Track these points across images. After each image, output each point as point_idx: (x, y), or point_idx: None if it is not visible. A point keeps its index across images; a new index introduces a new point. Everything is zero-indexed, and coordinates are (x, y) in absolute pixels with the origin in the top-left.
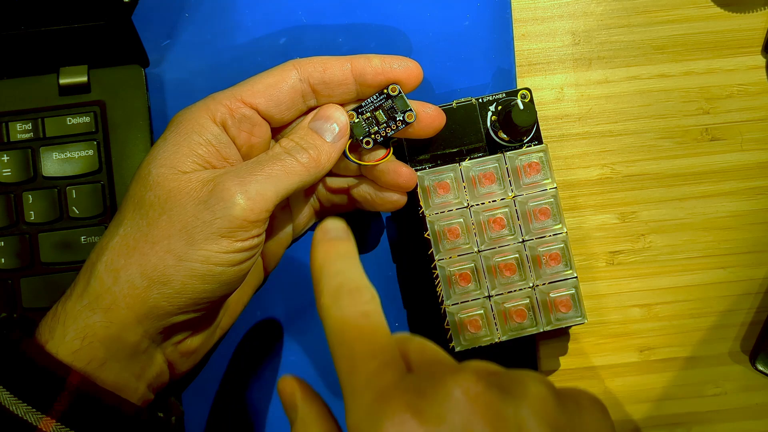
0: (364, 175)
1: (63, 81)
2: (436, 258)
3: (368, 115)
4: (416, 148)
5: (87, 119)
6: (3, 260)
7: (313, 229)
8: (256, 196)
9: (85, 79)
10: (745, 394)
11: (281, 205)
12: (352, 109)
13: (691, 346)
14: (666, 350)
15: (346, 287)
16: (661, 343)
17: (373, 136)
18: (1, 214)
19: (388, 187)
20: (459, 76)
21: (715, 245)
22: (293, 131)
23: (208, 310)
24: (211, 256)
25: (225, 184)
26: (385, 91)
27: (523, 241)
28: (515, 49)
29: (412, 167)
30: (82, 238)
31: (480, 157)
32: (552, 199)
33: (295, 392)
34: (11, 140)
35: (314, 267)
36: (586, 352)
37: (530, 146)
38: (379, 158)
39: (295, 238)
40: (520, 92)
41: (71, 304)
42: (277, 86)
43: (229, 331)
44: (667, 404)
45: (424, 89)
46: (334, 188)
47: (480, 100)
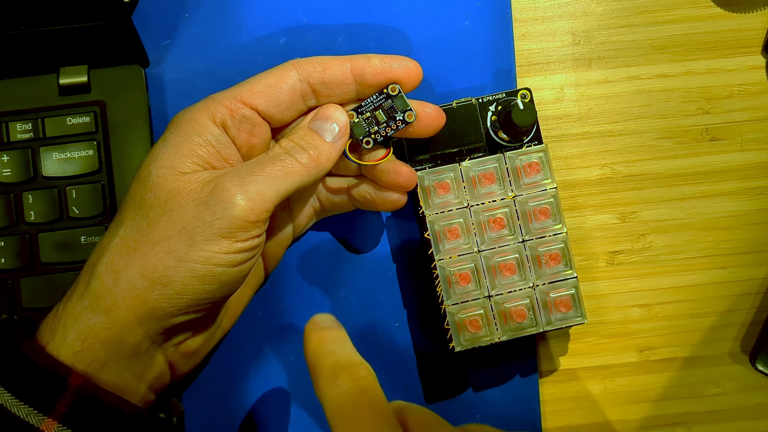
0: (364, 175)
1: (63, 81)
2: (436, 258)
3: (368, 114)
4: (416, 148)
5: (87, 119)
6: (3, 260)
7: (313, 229)
8: (256, 196)
9: (85, 79)
10: (745, 394)
11: (281, 206)
12: (351, 109)
13: (691, 346)
14: (666, 350)
15: (341, 365)
16: (661, 343)
17: (373, 135)
18: (1, 214)
19: (388, 187)
20: (459, 76)
21: (715, 245)
22: (293, 131)
23: (209, 310)
24: (211, 257)
25: (225, 185)
26: (384, 90)
27: (523, 241)
28: (515, 49)
29: (412, 167)
30: (82, 238)
31: (480, 157)
32: (552, 199)
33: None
34: (11, 140)
35: (308, 353)
36: (586, 352)
37: (530, 146)
38: (379, 158)
39: (296, 238)
40: (520, 92)
41: (72, 305)
42: (277, 86)
43: (229, 332)
44: (667, 404)
45: (424, 89)
46: (334, 188)
47: (480, 100)
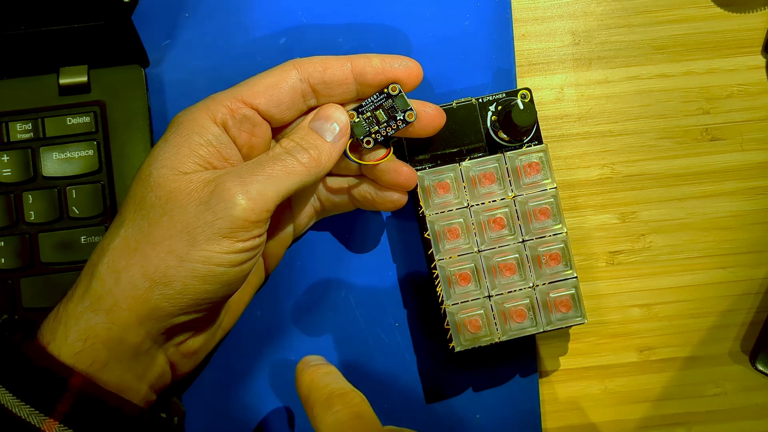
0: (365, 175)
1: (63, 81)
2: (436, 258)
3: (368, 114)
4: (416, 147)
5: (87, 119)
6: (3, 260)
7: (314, 229)
8: (257, 196)
9: (85, 79)
10: (745, 394)
11: (282, 205)
12: (352, 109)
13: (691, 346)
14: (666, 350)
15: (336, 393)
16: (661, 343)
17: (373, 135)
18: (1, 214)
19: (389, 187)
20: (459, 76)
21: (715, 245)
22: (294, 131)
23: (210, 310)
24: (212, 257)
25: (226, 185)
26: (385, 90)
27: (523, 241)
28: (515, 49)
29: (412, 167)
30: (82, 238)
31: (480, 157)
32: (552, 199)
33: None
34: (11, 140)
35: (302, 388)
36: (586, 352)
37: (530, 146)
38: (379, 158)
39: (296, 238)
40: (520, 92)
41: (73, 305)
42: (277, 86)
43: (230, 332)
44: (667, 404)
45: (424, 89)
46: (335, 188)
47: (480, 100)
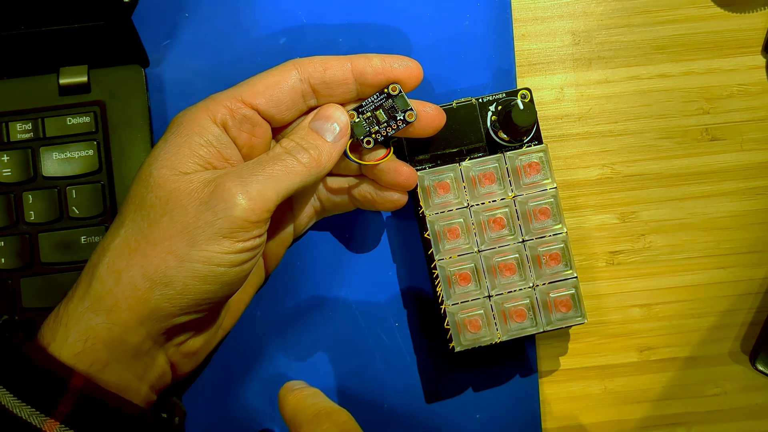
0: (365, 175)
1: (63, 81)
2: (436, 258)
3: (369, 114)
4: (416, 147)
5: (87, 119)
6: (3, 260)
7: (314, 229)
8: (257, 196)
9: (85, 79)
10: (745, 394)
11: (282, 205)
12: (352, 109)
13: (691, 346)
14: (666, 350)
15: (323, 412)
16: (661, 343)
17: (373, 135)
18: (1, 214)
19: (389, 187)
20: (459, 76)
21: (715, 245)
22: (294, 131)
23: (210, 311)
24: (212, 257)
25: (226, 185)
26: (385, 90)
27: (523, 241)
28: (515, 49)
29: (412, 167)
30: (82, 238)
31: (480, 157)
32: (552, 199)
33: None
34: (11, 140)
35: (287, 411)
36: (586, 352)
37: (530, 146)
38: (379, 158)
39: (296, 238)
40: (520, 92)
41: (73, 306)
42: (277, 86)
43: (230, 332)
44: (667, 404)
45: (424, 89)
46: (335, 188)
47: (480, 100)
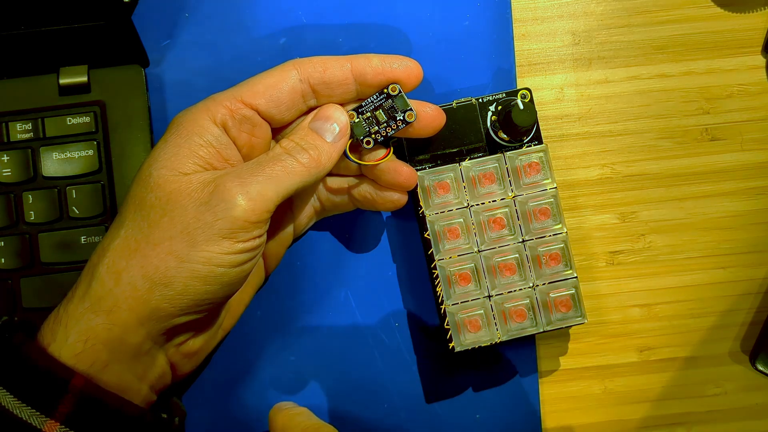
0: (365, 175)
1: (63, 81)
2: (436, 258)
3: (368, 114)
4: (416, 148)
5: (87, 119)
6: (3, 260)
7: (314, 229)
8: (257, 196)
9: (85, 79)
10: (745, 394)
11: (282, 206)
12: (352, 109)
13: (691, 346)
14: (666, 350)
15: (311, 429)
16: (661, 343)
17: (373, 135)
18: (1, 214)
19: (389, 187)
20: (459, 76)
21: (715, 245)
22: (293, 132)
23: (210, 311)
24: (212, 258)
25: (226, 185)
26: (385, 90)
27: (523, 241)
28: (515, 49)
29: (412, 167)
30: (82, 238)
31: (480, 157)
32: (552, 199)
33: None
34: (11, 140)
35: (277, 430)
36: (586, 352)
37: (530, 146)
38: (379, 158)
39: (296, 238)
40: (520, 92)
41: (73, 306)
42: (277, 87)
43: (230, 332)
44: (667, 404)
45: (424, 89)
46: (335, 188)
47: (480, 100)
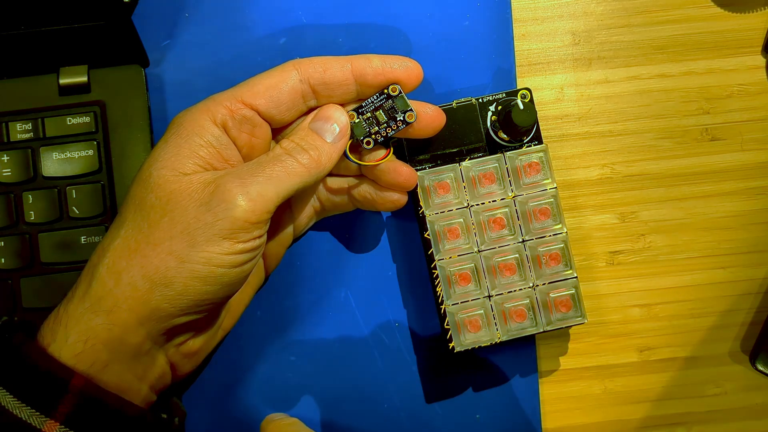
0: (365, 175)
1: (63, 81)
2: (436, 258)
3: (368, 115)
4: (416, 148)
5: (87, 119)
6: (3, 260)
7: (314, 229)
8: (257, 197)
9: (85, 79)
10: (745, 394)
11: (282, 206)
12: (352, 110)
13: (691, 346)
14: (666, 350)
15: None
16: (661, 343)
17: (373, 136)
18: (1, 214)
19: (389, 187)
20: (459, 76)
21: (715, 245)
22: (294, 132)
23: (210, 311)
24: (212, 258)
25: (226, 186)
26: (385, 91)
27: (523, 241)
28: (515, 49)
29: (412, 167)
30: (82, 238)
31: (480, 157)
32: (552, 199)
33: None
34: (11, 140)
35: None
36: (586, 352)
37: (530, 146)
38: (379, 158)
39: (296, 239)
40: (520, 92)
41: (73, 306)
42: (277, 87)
43: (230, 332)
44: (667, 404)
45: (424, 89)
46: (335, 188)
47: (480, 100)
